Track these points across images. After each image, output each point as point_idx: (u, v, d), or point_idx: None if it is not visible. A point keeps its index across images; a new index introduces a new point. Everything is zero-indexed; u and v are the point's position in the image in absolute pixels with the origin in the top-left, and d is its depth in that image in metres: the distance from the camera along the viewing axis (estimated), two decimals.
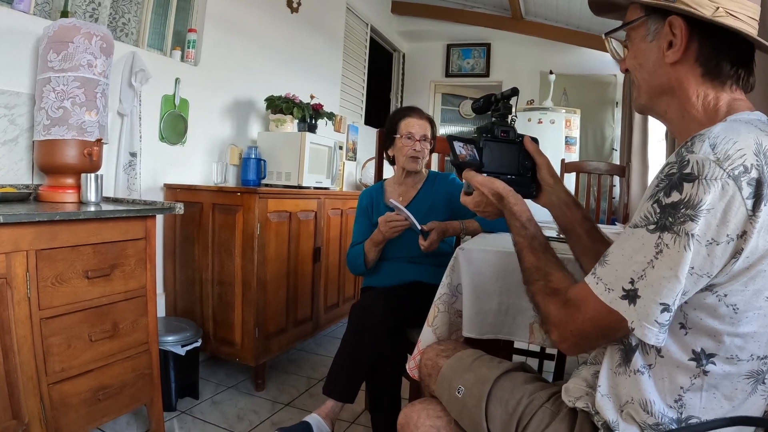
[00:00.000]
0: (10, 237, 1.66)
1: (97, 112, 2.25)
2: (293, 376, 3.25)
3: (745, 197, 0.82)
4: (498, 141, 1.36)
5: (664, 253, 0.87)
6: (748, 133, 0.86)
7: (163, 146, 3.17)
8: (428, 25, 6.96)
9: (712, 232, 0.84)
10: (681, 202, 0.85)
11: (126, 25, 3.08)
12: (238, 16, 3.81)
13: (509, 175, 1.36)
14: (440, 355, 1.54)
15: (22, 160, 2.37)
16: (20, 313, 1.72)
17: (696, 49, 1.02)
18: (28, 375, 1.76)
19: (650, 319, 0.87)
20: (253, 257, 2.88)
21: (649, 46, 1.09)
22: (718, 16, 0.97)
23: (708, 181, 0.83)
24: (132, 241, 2.11)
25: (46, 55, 2.20)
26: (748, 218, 0.83)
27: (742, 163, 0.83)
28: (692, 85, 1.03)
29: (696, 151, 0.86)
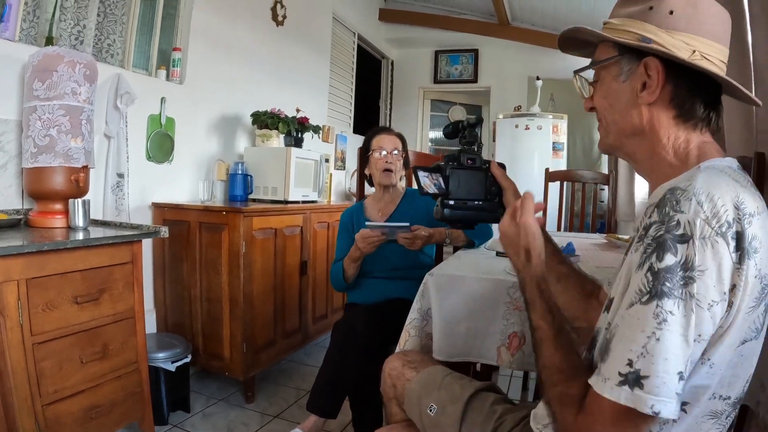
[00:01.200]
0: (1, 268, 1.73)
1: (83, 139, 2.32)
2: (283, 387, 3.32)
3: (731, 252, 0.83)
4: (465, 168, 1.40)
5: (669, 323, 0.81)
6: (727, 186, 0.88)
7: (150, 165, 3.24)
8: (416, 32, 7.04)
9: (711, 293, 0.82)
10: (678, 265, 0.82)
11: (111, 46, 3.14)
12: (222, 32, 3.87)
13: (476, 200, 1.41)
14: (407, 366, 1.57)
15: (11, 186, 2.44)
16: (13, 338, 1.78)
17: (671, 90, 1.02)
18: (23, 397, 1.82)
19: (670, 393, 0.81)
20: (239, 274, 2.96)
21: (622, 87, 1.08)
22: (695, 59, 0.99)
23: (702, 241, 0.82)
24: (119, 265, 2.18)
25: (31, 83, 2.27)
26: (736, 271, 0.83)
27: (726, 219, 0.83)
28: (664, 126, 1.04)
29: (685, 210, 0.84)
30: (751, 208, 0.86)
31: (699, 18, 1.00)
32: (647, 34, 1.01)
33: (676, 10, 1.00)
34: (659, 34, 1.00)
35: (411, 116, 7.67)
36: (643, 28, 1.02)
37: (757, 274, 0.84)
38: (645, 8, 1.03)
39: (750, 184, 0.93)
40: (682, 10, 1.00)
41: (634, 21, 1.04)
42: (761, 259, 0.85)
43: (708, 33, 1.00)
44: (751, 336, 0.90)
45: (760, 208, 0.88)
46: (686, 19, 1.00)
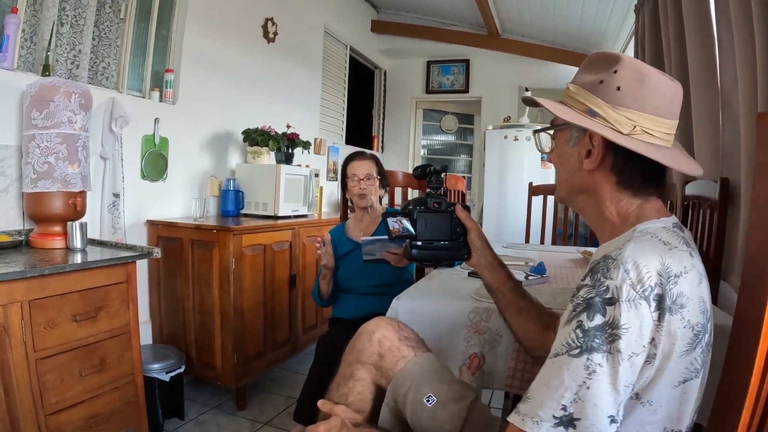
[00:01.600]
0: (5, 291, 1.87)
1: (79, 165, 2.47)
2: (274, 395, 3.47)
3: (652, 311, 0.93)
4: (431, 211, 1.56)
5: (598, 374, 0.92)
6: (653, 253, 0.97)
7: (144, 183, 3.39)
8: (408, 43, 7.16)
9: (632, 346, 0.92)
10: (606, 324, 0.93)
11: (106, 69, 3.29)
12: (214, 51, 4.02)
13: (443, 240, 1.56)
14: (404, 341, 1.55)
15: (12, 208, 2.58)
16: (17, 355, 1.93)
17: (611, 160, 1.12)
18: (27, 408, 1.96)
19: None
20: (229, 289, 3.11)
21: (571, 150, 1.19)
22: (635, 134, 1.07)
23: (627, 303, 0.93)
24: (114, 284, 2.33)
25: (29, 113, 2.41)
26: (655, 327, 0.94)
27: (649, 283, 0.93)
28: (607, 190, 1.14)
29: (614, 277, 0.95)
30: (677, 269, 0.96)
31: (645, 95, 1.08)
32: (594, 108, 1.11)
33: (623, 87, 1.08)
34: (605, 108, 1.09)
35: (404, 125, 7.80)
36: (592, 101, 1.11)
37: (686, 325, 0.95)
38: (597, 81, 1.12)
39: (681, 243, 1.03)
40: (629, 86, 1.08)
41: (586, 92, 1.13)
42: (689, 311, 0.95)
43: (653, 109, 1.08)
44: (691, 376, 0.99)
45: (687, 267, 0.98)
46: (632, 96, 1.08)
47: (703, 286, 1.00)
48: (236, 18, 4.26)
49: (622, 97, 1.08)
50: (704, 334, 0.99)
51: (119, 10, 3.32)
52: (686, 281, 0.96)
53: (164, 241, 3.35)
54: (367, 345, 1.56)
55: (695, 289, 0.97)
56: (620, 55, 1.11)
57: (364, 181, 2.80)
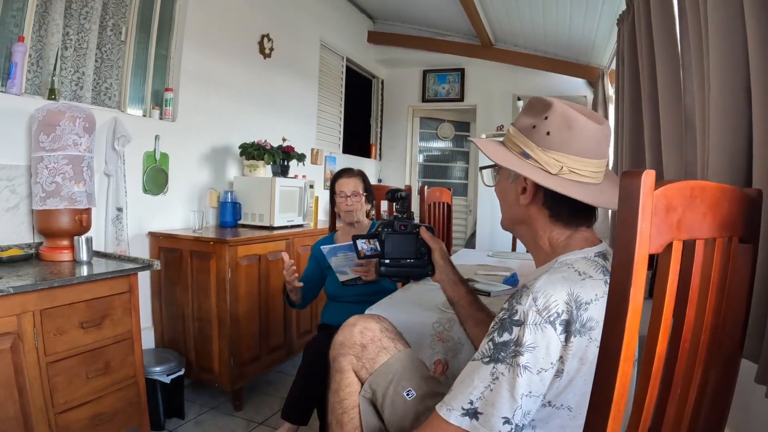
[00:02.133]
0: (19, 301, 2.08)
1: (85, 184, 2.67)
2: (270, 397, 3.66)
3: (558, 334, 1.08)
4: (398, 233, 1.76)
5: (500, 380, 1.08)
6: (563, 285, 1.11)
7: (146, 197, 3.60)
8: (404, 53, 7.31)
9: (540, 363, 1.07)
10: (511, 341, 1.09)
11: (109, 90, 3.49)
12: (212, 69, 4.21)
13: (409, 259, 1.76)
14: (385, 333, 1.67)
15: (23, 223, 2.79)
16: (30, 359, 2.13)
17: (542, 197, 1.26)
18: (39, 407, 2.17)
19: (495, 430, 1.08)
20: (225, 297, 3.31)
21: (510, 186, 1.34)
22: (562, 173, 1.21)
23: (531, 326, 1.08)
24: (118, 294, 2.53)
25: (37, 136, 2.61)
26: (563, 347, 1.09)
27: (555, 310, 1.08)
28: (540, 223, 1.29)
29: (523, 303, 1.10)
30: (587, 297, 1.10)
31: (572, 139, 1.21)
32: (528, 150, 1.25)
33: (552, 132, 1.22)
34: (536, 151, 1.23)
35: (401, 133, 7.95)
36: (526, 144, 1.26)
37: (598, 345, 1.03)
38: (531, 126, 1.26)
39: (599, 272, 1.16)
40: (557, 131, 1.22)
41: (522, 136, 1.27)
42: (599, 332, 1.03)
43: (579, 151, 1.22)
44: None
45: (599, 294, 1.11)
46: (559, 141, 1.22)
47: None
48: (232, 36, 4.45)
49: (551, 141, 1.22)
50: None
51: (120, 33, 3.52)
52: (596, 307, 1.10)
53: (165, 252, 3.55)
54: (349, 336, 1.65)
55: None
56: (552, 102, 1.25)
57: (351, 197, 2.99)
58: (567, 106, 1.24)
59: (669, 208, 0.86)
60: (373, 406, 1.59)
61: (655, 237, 0.84)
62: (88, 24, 3.24)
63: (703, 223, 0.95)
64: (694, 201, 0.92)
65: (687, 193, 0.91)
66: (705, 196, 0.95)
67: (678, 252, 0.89)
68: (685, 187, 0.90)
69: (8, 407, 2.06)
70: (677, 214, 0.88)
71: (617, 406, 0.86)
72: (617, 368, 0.84)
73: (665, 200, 0.85)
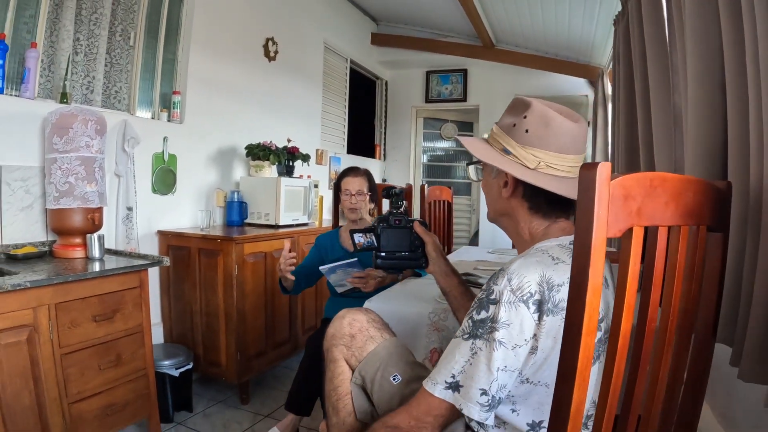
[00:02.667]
0: (35, 295, 2.19)
1: (97, 184, 2.78)
2: (275, 390, 3.76)
3: (531, 313, 1.15)
4: (393, 227, 1.86)
5: (478, 355, 1.17)
6: (536, 268, 1.18)
7: (155, 197, 3.70)
8: (407, 54, 7.36)
9: (514, 339, 1.15)
10: (488, 319, 1.18)
11: (118, 93, 3.59)
12: (218, 72, 4.31)
13: (403, 251, 1.86)
14: (371, 323, 1.77)
15: (37, 222, 2.89)
16: (45, 351, 2.24)
17: (522, 190, 1.35)
18: (53, 397, 2.28)
19: (473, 400, 1.17)
20: (232, 293, 3.42)
21: (493, 181, 1.43)
22: (540, 168, 1.30)
23: (506, 305, 1.16)
24: (129, 289, 2.64)
25: (51, 138, 2.72)
26: (536, 325, 1.16)
27: (528, 290, 1.15)
28: (521, 214, 1.38)
29: (498, 284, 1.19)
30: (560, 280, 1.17)
31: (548, 135, 1.30)
32: (508, 147, 1.34)
33: (530, 129, 1.31)
34: (516, 147, 1.32)
35: (405, 134, 8.01)
36: (507, 141, 1.34)
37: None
38: (511, 124, 1.35)
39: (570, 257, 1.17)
40: (535, 129, 1.31)
41: (503, 134, 1.36)
42: None
43: (556, 147, 1.30)
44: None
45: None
46: (537, 137, 1.30)
47: None
48: (238, 40, 4.55)
49: (529, 138, 1.31)
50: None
51: (129, 38, 3.62)
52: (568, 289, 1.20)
53: (173, 250, 3.66)
54: (339, 328, 1.75)
55: None
56: (531, 102, 1.34)
57: (356, 196, 3.08)
58: (545, 106, 1.33)
59: (627, 196, 0.95)
60: (363, 391, 1.69)
61: (613, 223, 0.93)
62: (98, 30, 3.34)
63: (666, 211, 1.04)
64: (655, 191, 1.01)
65: (646, 184, 0.99)
66: (666, 187, 1.04)
67: (639, 237, 0.98)
68: (643, 178, 0.99)
69: (24, 397, 2.17)
70: (636, 202, 0.97)
71: (582, 375, 0.95)
72: (579, 340, 0.93)
73: (623, 190, 0.94)
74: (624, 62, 3.48)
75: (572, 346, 0.94)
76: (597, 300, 0.93)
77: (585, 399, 0.96)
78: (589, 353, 0.94)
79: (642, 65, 2.88)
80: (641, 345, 1.07)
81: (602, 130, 5.38)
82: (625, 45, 3.45)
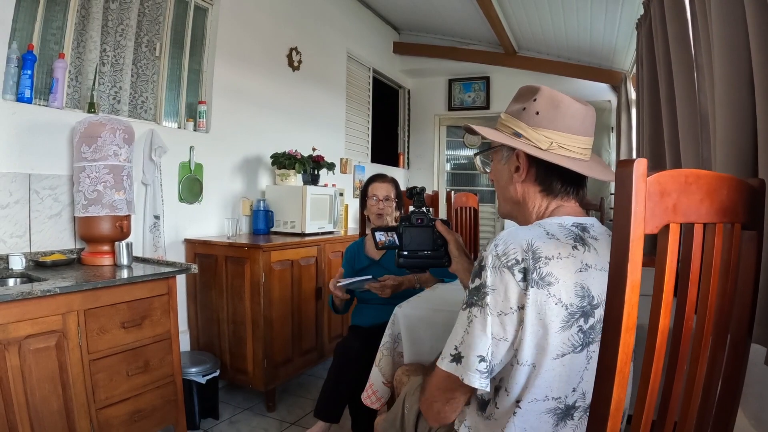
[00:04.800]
0: (64, 302, 2.21)
1: (125, 192, 2.81)
2: (301, 398, 3.76)
3: (518, 280, 1.15)
4: (415, 226, 1.84)
5: (473, 322, 1.18)
6: (524, 235, 1.19)
7: (182, 206, 3.73)
8: (429, 62, 7.37)
9: (499, 306, 1.16)
10: (480, 286, 1.19)
11: (145, 103, 3.63)
12: (243, 82, 4.35)
13: (426, 251, 1.84)
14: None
15: (65, 230, 2.93)
16: (74, 357, 2.26)
17: (534, 173, 1.34)
18: (81, 402, 2.30)
19: (473, 368, 1.17)
20: (259, 301, 3.42)
21: (503, 168, 1.42)
22: (552, 149, 1.29)
23: (491, 269, 1.17)
24: (157, 296, 2.66)
25: (80, 147, 2.75)
26: (522, 294, 1.15)
27: (514, 257, 1.16)
28: (532, 198, 1.36)
29: (487, 250, 1.20)
30: (548, 253, 1.17)
31: (558, 117, 1.30)
32: (519, 130, 1.33)
33: (540, 111, 1.30)
34: (527, 129, 1.31)
35: (428, 142, 7.99)
36: (517, 125, 1.34)
37: (557, 302, 1.15)
38: (520, 108, 1.34)
39: (569, 238, 1.23)
40: (545, 111, 1.30)
41: (513, 119, 1.35)
42: (559, 290, 1.16)
43: (566, 128, 1.30)
44: (568, 350, 1.19)
45: (563, 254, 1.18)
46: (548, 119, 1.30)
47: (587, 275, 1.20)
48: (262, 50, 4.59)
49: (540, 119, 1.31)
50: (582, 317, 1.19)
51: (155, 49, 3.67)
52: (558, 265, 1.17)
53: (200, 258, 3.68)
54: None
55: (570, 274, 1.18)
56: (540, 87, 1.34)
57: (383, 201, 3.08)
58: (553, 90, 1.33)
59: (663, 193, 0.93)
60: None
61: (650, 219, 0.91)
62: (124, 41, 3.39)
63: (701, 208, 1.02)
64: (689, 187, 0.99)
65: (681, 180, 0.97)
66: (701, 183, 1.01)
67: (675, 234, 0.96)
68: (678, 175, 0.97)
69: (52, 402, 2.19)
70: (672, 199, 0.95)
71: (621, 373, 0.93)
72: (619, 336, 0.91)
73: (659, 186, 0.92)
74: (648, 65, 3.46)
75: (612, 343, 0.92)
76: (635, 296, 0.91)
77: (624, 397, 0.94)
78: (628, 350, 0.92)
79: (666, 67, 2.86)
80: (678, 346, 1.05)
81: (626, 134, 5.34)
82: (649, 47, 3.44)
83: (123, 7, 3.37)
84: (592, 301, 1.20)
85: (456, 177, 8.23)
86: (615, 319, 0.92)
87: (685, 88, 2.53)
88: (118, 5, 3.34)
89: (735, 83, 1.70)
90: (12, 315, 2.04)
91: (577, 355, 1.21)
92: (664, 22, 2.79)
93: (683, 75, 2.55)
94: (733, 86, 1.71)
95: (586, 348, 1.22)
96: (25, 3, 2.83)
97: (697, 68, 2.43)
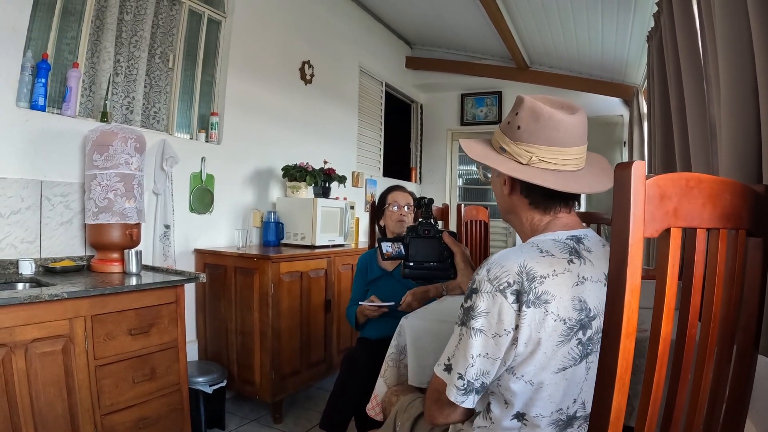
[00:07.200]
0: (72, 307, 2.22)
1: (135, 200, 2.82)
2: (309, 411, 3.74)
3: (510, 303, 1.17)
4: (422, 237, 1.84)
5: (462, 340, 1.23)
6: (516, 258, 1.21)
7: (192, 216, 3.75)
8: (442, 77, 7.39)
9: (494, 328, 1.18)
10: (471, 307, 1.22)
11: (157, 114, 3.67)
12: (255, 94, 4.38)
13: (432, 262, 1.84)
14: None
15: (76, 237, 2.95)
16: (80, 362, 2.27)
17: (519, 187, 1.36)
18: (86, 408, 2.30)
19: (452, 382, 1.24)
20: (268, 312, 3.42)
21: (496, 180, 1.45)
22: (533, 162, 1.29)
23: (483, 294, 1.20)
24: (165, 304, 2.66)
25: (91, 155, 2.78)
26: (516, 316, 1.17)
27: (506, 280, 1.18)
28: (523, 210, 1.38)
29: (480, 273, 1.23)
30: (543, 272, 1.19)
31: (538, 130, 1.29)
32: (503, 145, 1.35)
33: (521, 126, 1.31)
34: (510, 144, 1.33)
35: (440, 157, 7.99)
36: (503, 140, 1.36)
37: (556, 318, 1.17)
38: (506, 123, 1.37)
39: (564, 252, 1.25)
40: (525, 124, 1.30)
41: (501, 133, 1.37)
42: (557, 307, 1.17)
43: (547, 140, 1.29)
44: (570, 364, 1.21)
45: (558, 270, 1.20)
46: (528, 133, 1.30)
47: (583, 288, 1.21)
48: (275, 63, 4.63)
49: (521, 134, 1.31)
50: (581, 329, 1.20)
51: (168, 60, 3.71)
52: (555, 282, 1.18)
53: (210, 268, 3.69)
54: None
55: (567, 289, 1.19)
56: (523, 99, 1.34)
57: (404, 208, 3.09)
58: (536, 101, 1.32)
59: (663, 196, 0.92)
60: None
61: (650, 222, 0.91)
62: (138, 52, 3.43)
63: (703, 212, 1.00)
64: (691, 191, 0.97)
65: (682, 184, 0.96)
66: (702, 188, 1.00)
67: (677, 238, 0.95)
68: (679, 178, 0.96)
69: (57, 406, 2.19)
70: (672, 202, 0.94)
71: (622, 380, 0.92)
72: (619, 342, 0.90)
73: (658, 189, 0.91)
74: (659, 77, 3.45)
75: (611, 348, 0.91)
76: (636, 301, 0.90)
77: (625, 404, 0.93)
78: (629, 356, 0.91)
79: (677, 78, 2.85)
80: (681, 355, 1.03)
81: (638, 148, 5.31)
82: (659, 60, 3.42)
83: (137, 19, 3.41)
84: (589, 313, 1.22)
85: (468, 192, 8.22)
86: (615, 324, 0.91)
87: (696, 100, 2.51)
88: (133, 17, 3.38)
89: (739, 88, 1.69)
90: (19, 318, 2.05)
91: (577, 367, 1.23)
92: (674, 33, 2.78)
93: (693, 86, 2.53)
94: (738, 92, 1.70)
95: (585, 359, 1.24)
96: (40, 12, 2.88)
97: (707, 79, 2.42)
